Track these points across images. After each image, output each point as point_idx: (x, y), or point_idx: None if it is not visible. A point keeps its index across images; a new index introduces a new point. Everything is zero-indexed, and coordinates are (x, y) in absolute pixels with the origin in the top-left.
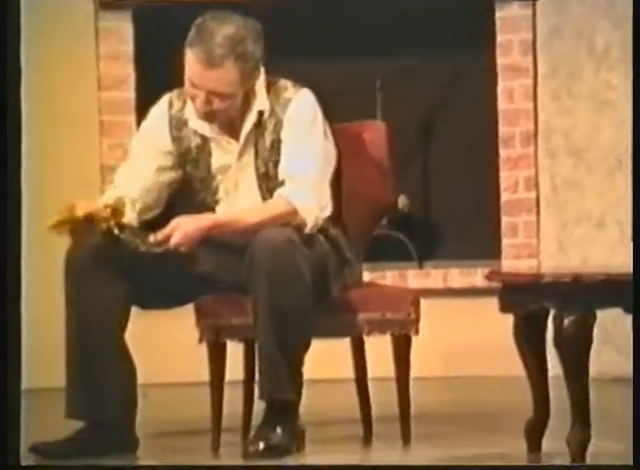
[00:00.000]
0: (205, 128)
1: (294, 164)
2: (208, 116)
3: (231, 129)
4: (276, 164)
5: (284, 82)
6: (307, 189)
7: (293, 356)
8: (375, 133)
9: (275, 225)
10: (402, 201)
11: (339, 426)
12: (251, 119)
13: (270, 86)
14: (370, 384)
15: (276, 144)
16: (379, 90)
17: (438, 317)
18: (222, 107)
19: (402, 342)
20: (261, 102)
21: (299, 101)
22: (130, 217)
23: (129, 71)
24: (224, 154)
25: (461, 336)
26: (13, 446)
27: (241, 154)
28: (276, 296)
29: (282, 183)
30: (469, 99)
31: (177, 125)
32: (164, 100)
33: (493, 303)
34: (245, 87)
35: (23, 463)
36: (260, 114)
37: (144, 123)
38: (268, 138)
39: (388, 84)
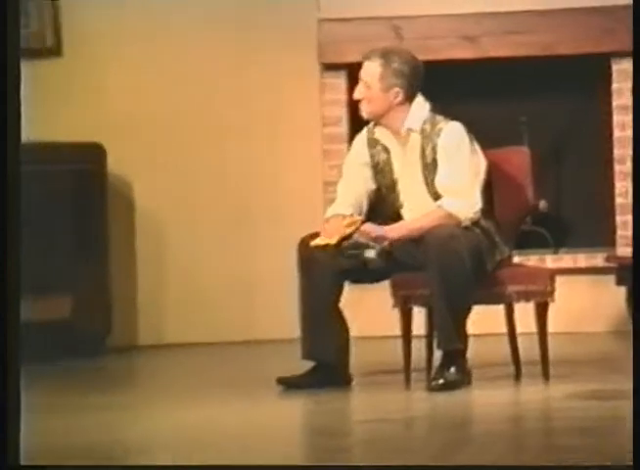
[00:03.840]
0: (382, 133)
1: (446, 179)
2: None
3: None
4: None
5: (438, 117)
6: (458, 197)
7: (459, 318)
8: (521, 155)
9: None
10: (543, 204)
11: (496, 368)
12: (404, 131)
13: (429, 120)
14: (518, 338)
15: (434, 162)
16: (523, 124)
17: (569, 289)
18: (366, 96)
19: (542, 307)
20: (411, 122)
21: (449, 130)
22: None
23: (343, 114)
24: (400, 164)
25: (586, 303)
26: (13, 446)
27: (412, 164)
28: (445, 275)
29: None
30: (592, 129)
31: (370, 144)
32: (365, 129)
33: (610, 279)
34: (384, 91)
35: (23, 463)
36: (409, 131)
37: (351, 148)
38: (429, 157)
39: (531, 119)
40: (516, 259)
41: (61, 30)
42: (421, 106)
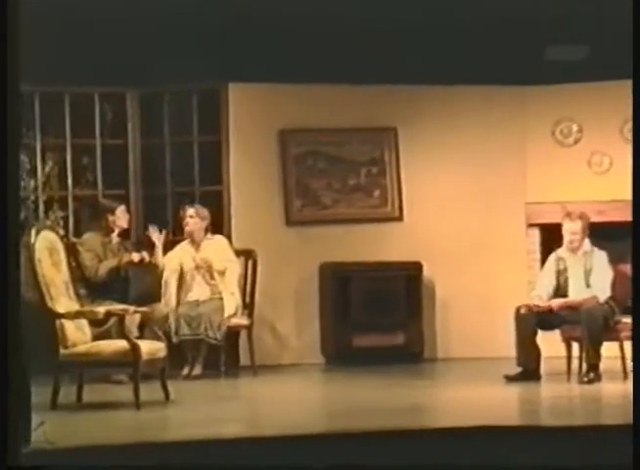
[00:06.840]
0: (564, 253)
1: (595, 278)
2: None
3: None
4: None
5: (594, 247)
6: (600, 289)
7: (597, 347)
8: (626, 269)
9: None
10: None
11: (612, 373)
12: (579, 254)
13: (589, 248)
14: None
15: (590, 269)
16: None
17: None
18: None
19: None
20: (585, 248)
21: (599, 254)
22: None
23: (537, 247)
24: (572, 270)
25: None
26: (13, 446)
27: (578, 269)
28: (590, 327)
29: (591, 285)
30: None
31: (557, 259)
32: (554, 252)
33: None
34: (583, 234)
35: (23, 463)
36: (583, 252)
37: (546, 262)
38: (587, 266)
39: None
40: (624, 320)
41: (403, 204)
42: (587, 242)
